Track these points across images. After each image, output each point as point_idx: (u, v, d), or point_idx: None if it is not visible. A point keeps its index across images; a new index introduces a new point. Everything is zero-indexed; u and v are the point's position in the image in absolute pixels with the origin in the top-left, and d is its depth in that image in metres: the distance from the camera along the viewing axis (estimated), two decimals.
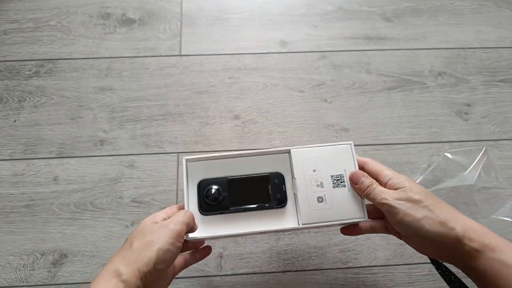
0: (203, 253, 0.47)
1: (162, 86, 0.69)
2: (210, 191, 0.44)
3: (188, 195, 0.45)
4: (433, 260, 0.47)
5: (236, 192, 0.45)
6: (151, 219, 0.41)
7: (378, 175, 0.43)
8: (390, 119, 0.67)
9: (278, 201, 0.45)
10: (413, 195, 0.39)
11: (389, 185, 0.42)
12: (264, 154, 0.46)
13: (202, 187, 0.45)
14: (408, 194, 0.40)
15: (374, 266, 0.58)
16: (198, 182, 0.45)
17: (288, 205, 0.45)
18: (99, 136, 0.65)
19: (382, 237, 0.59)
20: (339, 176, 0.45)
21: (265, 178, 0.46)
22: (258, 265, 0.58)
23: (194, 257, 0.46)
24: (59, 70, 0.70)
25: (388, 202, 0.40)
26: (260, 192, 0.45)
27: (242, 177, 0.46)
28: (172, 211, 0.43)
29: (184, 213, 0.41)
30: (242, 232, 0.43)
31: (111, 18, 0.74)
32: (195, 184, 0.46)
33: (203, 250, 0.47)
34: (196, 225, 0.43)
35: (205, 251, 0.47)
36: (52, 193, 0.61)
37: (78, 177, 0.62)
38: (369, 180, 0.43)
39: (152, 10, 0.75)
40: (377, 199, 0.41)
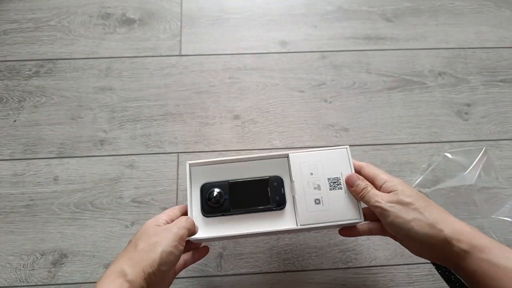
0: (201, 253, 0.49)
1: (162, 86, 0.69)
2: (212, 194, 0.46)
3: (191, 198, 0.47)
4: None
5: (237, 195, 0.47)
6: (154, 221, 0.42)
7: (374, 178, 0.44)
8: (390, 119, 0.67)
9: (277, 203, 0.46)
10: (404, 198, 0.41)
11: (383, 188, 0.43)
12: (264, 159, 0.48)
13: (204, 190, 0.47)
14: (400, 197, 0.41)
15: (374, 266, 0.58)
16: (201, 186, 0.47)
17: (287, 207, 0.47)
18: (99, 136, 0.65)
19: (382, 237, 0.59)
20: (336, 179, 0.46)
21: (265, 181, 0.47)
22: (258, 265, 0.58)
23: (193, 258, 0.48)
24: (59, 70, 0.70)
25: (380, 204, 0.41)
26: (260, 195, 0.46)
27: (243, 181, 0.47)
28: (173, 212, 0.45)
29: (186, 219, 0.43)
30: (242, 233, 0.45)
31: (111, 18, 0.74)
32: (198, 187, 0.47)
33: (201, 250, 0.49)
34: (197, 229, 0.45)
35: (203, 251, 0.49)
36: (52, 193, 0.61)
37: (78, 177, 0.62)
38: (364, 183, 0.44)
39: (152, 10, 0.75)
40: (370, 202, 0.42)
